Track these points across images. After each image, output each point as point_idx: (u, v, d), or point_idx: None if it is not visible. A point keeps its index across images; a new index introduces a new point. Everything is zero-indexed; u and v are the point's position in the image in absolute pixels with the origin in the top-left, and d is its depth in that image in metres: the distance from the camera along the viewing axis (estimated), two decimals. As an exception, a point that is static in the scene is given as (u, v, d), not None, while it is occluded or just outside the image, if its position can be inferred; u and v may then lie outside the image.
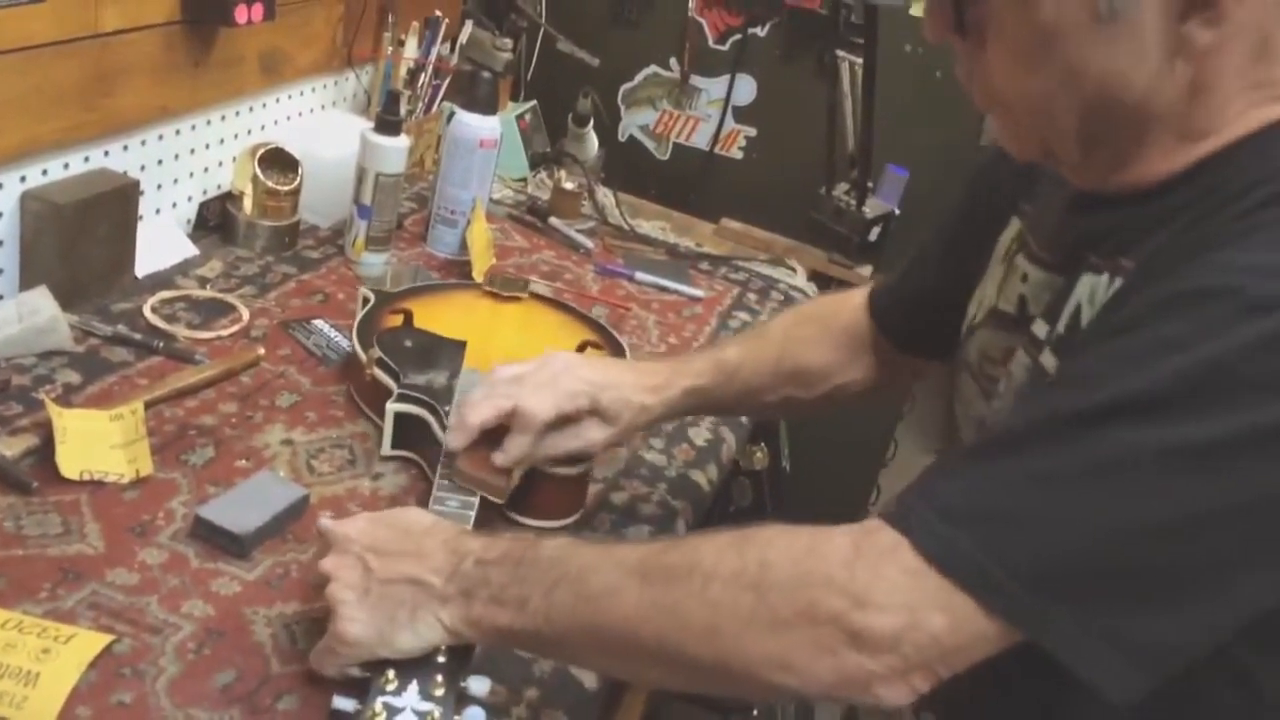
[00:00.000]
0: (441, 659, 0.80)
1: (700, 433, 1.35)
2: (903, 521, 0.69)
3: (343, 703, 0.77)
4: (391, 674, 0.78)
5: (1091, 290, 0.75)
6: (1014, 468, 0.67)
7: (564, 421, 1.03)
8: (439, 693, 0.78)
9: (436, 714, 0.76)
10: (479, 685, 0.79)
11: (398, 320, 1.27)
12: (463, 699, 0.79)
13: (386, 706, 0.76)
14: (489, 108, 1.59)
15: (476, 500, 0.99)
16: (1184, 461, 0.62)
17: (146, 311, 1.29)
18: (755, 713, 2.03)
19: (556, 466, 1.07)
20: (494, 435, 1.02)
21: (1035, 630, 0.66)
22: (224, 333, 1.30)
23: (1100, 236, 0.76)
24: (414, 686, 0.78)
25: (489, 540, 0.83)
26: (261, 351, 1.26)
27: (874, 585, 0.67)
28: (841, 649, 0.67)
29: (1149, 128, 0.71)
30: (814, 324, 1.16)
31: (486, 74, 1.59)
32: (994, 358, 0.88)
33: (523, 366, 1.05)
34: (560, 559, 0.78)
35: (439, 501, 0.98)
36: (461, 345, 1.23)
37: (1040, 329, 0.80)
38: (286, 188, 1.51)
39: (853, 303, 1.15)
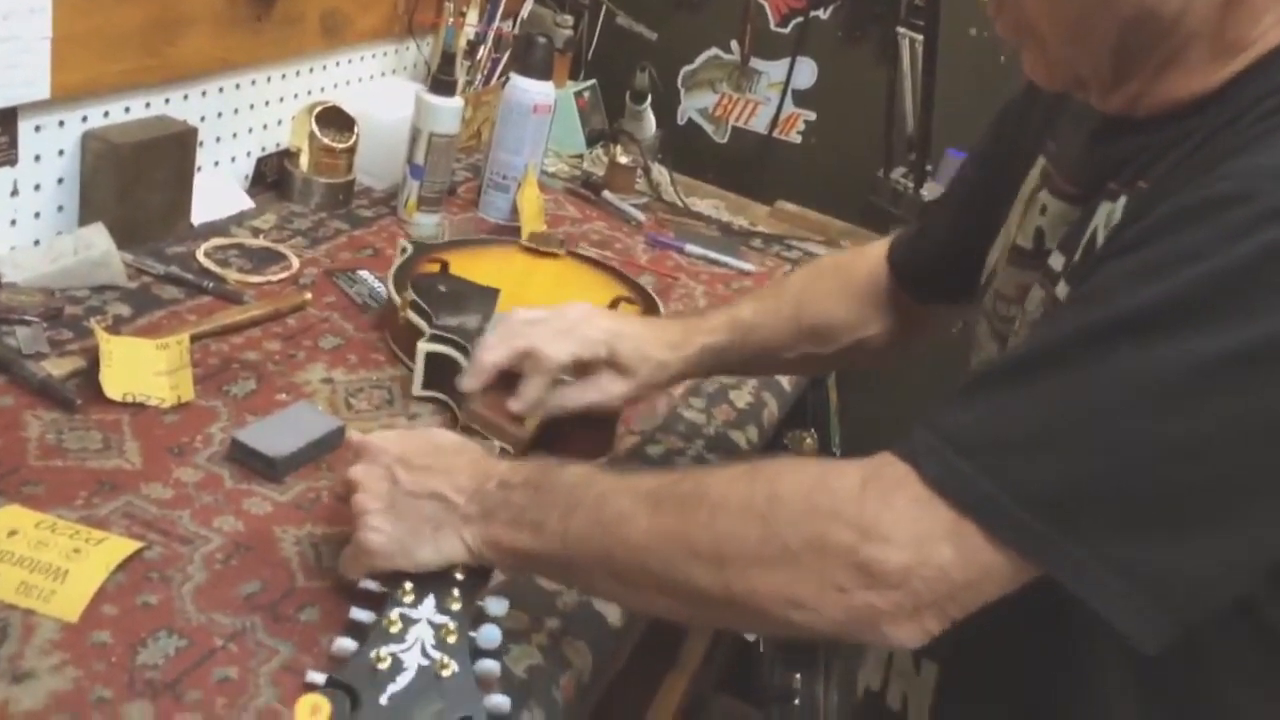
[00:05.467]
0: (459, 575, 0.80)
1: (742, 395, 1.34)
2: (911, 453, 0.67)
3: (360, 614, 0.77)
4: (409, 586, 0.79)
5: (1108, 216, 0.72)
6: (1023, 391, 0.64)
7: (581, 372, 1.03)
8: (455, 607, 0.78)
9: (452, 626, 0.76)
10: (497, 605, 0.79)
11: (434, 268, 1.28)
12: (480, 617, 0.79)
13: (402, 617, 0.76)
14: (544, 73, 1.59)
15: (498, 446, 0.99)
16: (1198, 375, 0.59)
17: (200, 255, 1.31)
18: (796, 701, 2.00)
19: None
20: (509, 383, 1.01)
21: (1045, 560, 0.63)
22: (273, 278, 1.31)
23: (1123, 162, 0.73)
24: (430, 600, 0.78)
25: (514, 465, 0.83)
26: (308, 296, 1.28)
27: (882, 517, 0.65)
28: (850, 585, 0.65)
29: (1185, 43, 0.69)
30: (832, 278, 1.13)
31: (543, 39, 1.60)
32: (1009, 296, 0.85)
33: (540, 311, 1.04)
34: (579, 484, 0.77)
35: None
36: (495, 292, 1.23)
37: (1056, 261, 0.78)
38: (342, 145, 1.53)
39: (872, 255, 1.13)
